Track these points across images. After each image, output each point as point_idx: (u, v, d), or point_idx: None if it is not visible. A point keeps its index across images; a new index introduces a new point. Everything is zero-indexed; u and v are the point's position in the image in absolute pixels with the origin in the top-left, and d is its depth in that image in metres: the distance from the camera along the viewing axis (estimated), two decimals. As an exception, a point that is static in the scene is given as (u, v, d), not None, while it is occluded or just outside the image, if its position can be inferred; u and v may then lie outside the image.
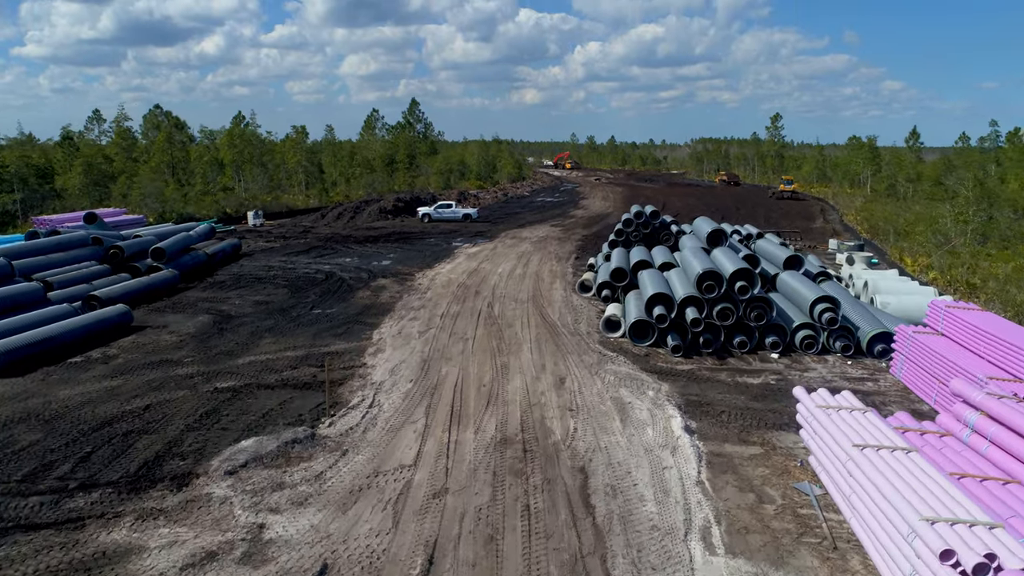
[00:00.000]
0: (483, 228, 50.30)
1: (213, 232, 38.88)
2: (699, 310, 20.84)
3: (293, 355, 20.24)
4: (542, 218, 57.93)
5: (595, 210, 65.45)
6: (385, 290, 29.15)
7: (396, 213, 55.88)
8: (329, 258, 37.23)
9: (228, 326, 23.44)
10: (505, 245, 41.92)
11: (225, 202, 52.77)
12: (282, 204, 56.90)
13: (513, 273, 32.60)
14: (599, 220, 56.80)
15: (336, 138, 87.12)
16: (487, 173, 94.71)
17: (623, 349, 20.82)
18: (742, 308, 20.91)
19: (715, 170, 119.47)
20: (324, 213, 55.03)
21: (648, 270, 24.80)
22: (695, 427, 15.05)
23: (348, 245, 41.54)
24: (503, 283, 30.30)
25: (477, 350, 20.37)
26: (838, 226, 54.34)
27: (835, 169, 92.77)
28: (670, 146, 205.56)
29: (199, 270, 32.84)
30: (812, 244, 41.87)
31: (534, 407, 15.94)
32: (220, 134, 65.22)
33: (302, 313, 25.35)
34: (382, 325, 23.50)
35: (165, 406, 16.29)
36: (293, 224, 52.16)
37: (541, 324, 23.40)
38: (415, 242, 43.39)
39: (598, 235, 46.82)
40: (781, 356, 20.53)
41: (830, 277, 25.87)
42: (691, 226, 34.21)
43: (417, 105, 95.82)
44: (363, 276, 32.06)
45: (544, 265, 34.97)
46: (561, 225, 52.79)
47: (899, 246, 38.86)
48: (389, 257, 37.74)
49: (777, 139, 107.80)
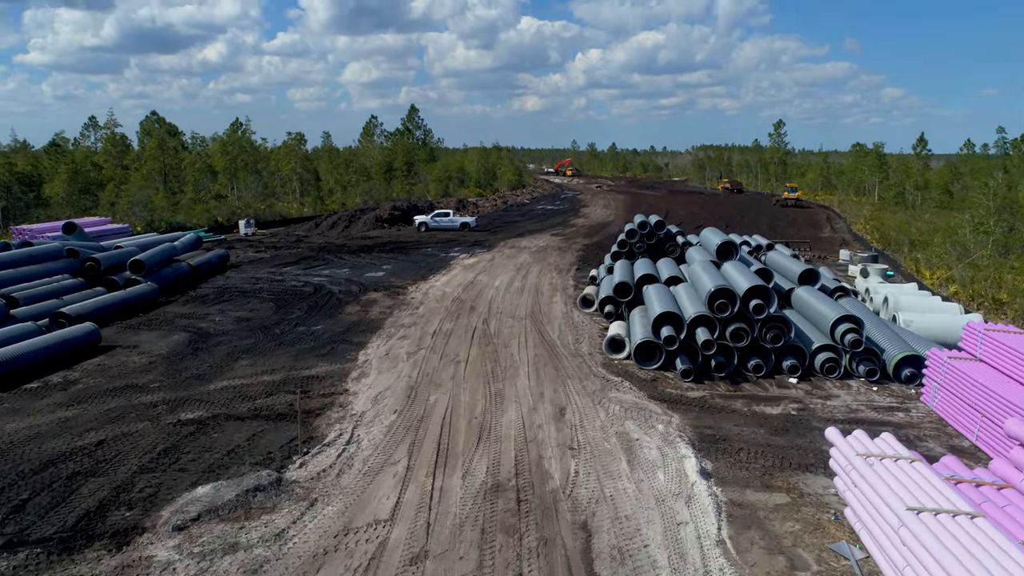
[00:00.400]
0: (481, 237, 48.64)
1: (200, 242, 37.22)
2: (711, 330, 19.12)
3: (270, 379, 18.53)
4: (542, 227, 56.28)
5: (596, 218, 63.81)
6: (375, 305, 27.44)
7: (392, 222, 54.24)
8: (320, 269, 35.56)
9: (204, 346, 21.73)
10: (503, 255, 40.25)
11: (217, 210, 51.14)
12: (276, 212, 55.25)
13: (511, 286, 30.89)
14: (601, 229, 55.14)
15: (333, 145, 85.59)
16: (487, 180, 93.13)
17: (628, 373, 19.08)
18: (757, 328, 19.18)
19: (717, 177, 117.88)
20: (318, 222, 53.39)
21: (654, 285, 23.09)
22: (711, 469, 13.30)
23: (341, 255, 39.88)
24: (500, 297, 28.59)
25: (469, 375, 18.64)
26: (847, 235, 52.64)
27: (839, 176, 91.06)
28: (671, 153, 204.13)
29: (182, 283, 31.16)
30: (822, 255, 40.16)
31: (530, 444, 14.20)
32: (213, 141, 63.66)
33: (285, 331, 23.65)
34: (369, 344, 21.79)
35: (121, 441, 14.57)
36: (286, 233, 50.52)
37: (540, 344, 21.67)
38: (410, 252, 41.72)
39: (600, 245, 45.16)
40: (800, 381, 18.79)
41: (848, 293, 24.15)
42: (698, 237, 32.49)
43: (416, 112, 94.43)
44: (353, 289, 30.37)
45: (543, 277, 33.27)
46: (562, 234, 51.12)
47: (913, 257, 37.14)
48: (383, 268, 36.06)
49: (780, 146, 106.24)
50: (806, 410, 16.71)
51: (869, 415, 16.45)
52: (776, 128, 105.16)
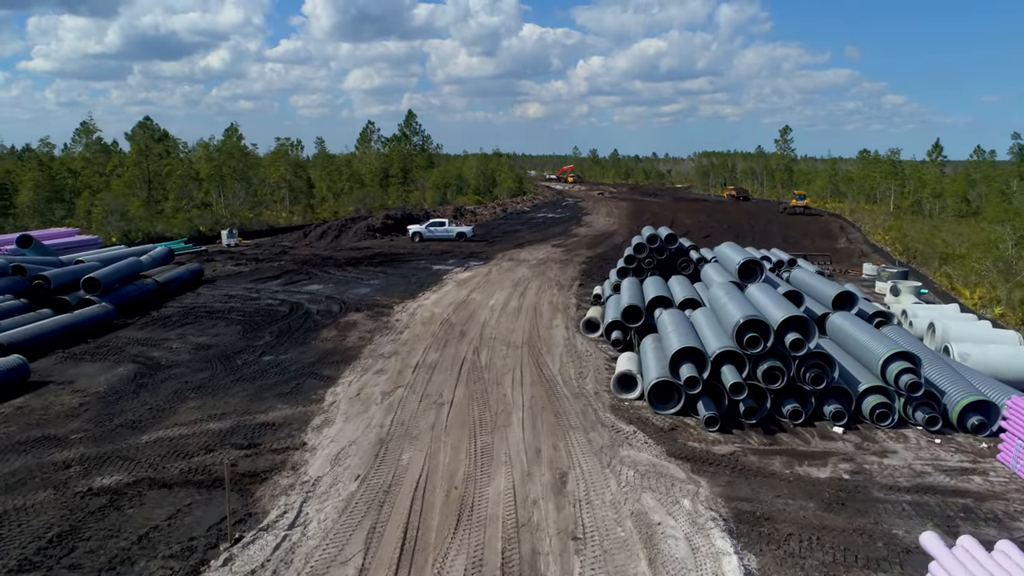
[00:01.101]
0: (478, 248, 45.61)
1: (171, 256, 34.22)
2: (738, 367, 16.06)
3: (216, 428, 15.47)
4: (543, 237, 53.26)
5: (599, 228, 60.79)
6: (355, 328, 24.40)
7: (385, 231, 51.25)
8: (301, 285, 32.53)
9: (150, 381, 18.68)
10: (501, 269, 37.20)
11: (200, 219, 48.22)
12: (263, 222, 52.30)
13: (507, 306, 27.83)
14: (604, 239, 52.10)
15: (328, 151, 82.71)
16: (486, 188, 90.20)
17: (641, 419, 15.99)
18: (794, 367, 16.10)
19: (722, 184, 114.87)
20: (307, 232, 50.40)
21: (669, 311, 20.01)
22: (757, 569, 10.21)
23: (326, 269, 36.85)
24: (495, 320, 25.52)
25: (453, 423, 15.55)
26: (864, 247, 49.53)
27: (848, 184, 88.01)
28: (673, 160, 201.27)
29: (145, 302, 28.13)
30: (843, 269, 37.08)
31: (523, 530, 11.10)
32: (199, 147, 60.86)
33: (248, 361, 20.60)
34: (340, 380, 18.72)
35: (9, 520, 11.51)
36: (272, 244, 47.53)
37: (537, 380, 18.58)
38: (401, 265, 38.68)
39: (604, 257, 42.12)
40: (846, 430, 15.69)
41: (890, 319, 21.07)
42: (713, 252, 29.44)
43: (414, 117, 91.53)
44: (333, 309, 27.32)
45: (543, 295, 30.20)
46: (563, 245, 48.07)
47: (944, 272, 34.03)
48: (369, 284, 33.03)
49: (786, 153, 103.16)
50: (861, 472, 13.60)
51: (939, 480, 13.34)
52: (782, 134, 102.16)
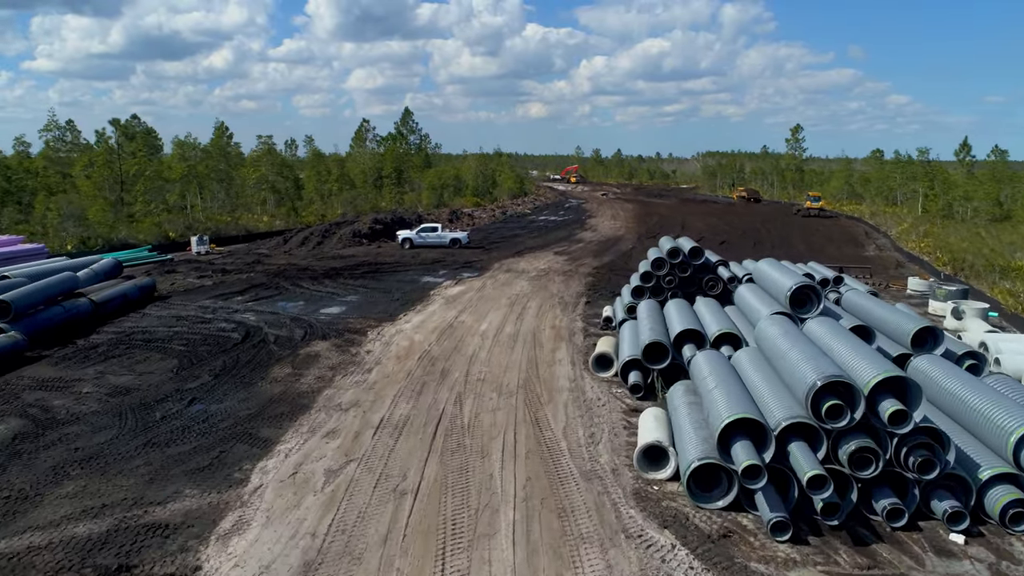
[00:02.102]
0: (473, 256, 41.05)
1: (119, 269, 29.69)
2: (811, 443, 11.49)
3: (86, 533, 10.93)
4: (544, 243, 48.65)
5: (605, 232, 56.18)
6: (316, 364, 19.86)
7: (372, 237, 46.68)
8: (267, 303, 28.00)
9: (30, 447, 14.15)
10: (497, 282, 32.63)
11: (170, 224, 43.70)
12: (241, 227, 47.75)
13: (501, 332, 23.26)
14: (611, 246, 47.49)
15: (319, 150, 78.06)
16: (485, 188, 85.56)
17: (679, 518, 11.39)
18: (892, 447, 11.52)
19: (730, 185, 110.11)
20: (287, 238, 45.83)
21: (705, 354, 15.44)
22: None
23: (300, 283, 32.30)
24: (485, 352, 20.95)
25: (414, 531, 10.96)
26: (896, 254, 44.84)
27: (865, 185, 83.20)
28: (677, 160, 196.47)
29: (75, 326, 23.59)
30: (884, 282, 32.43)
31: None
32: (189, 146, 56.21)
33: (171, 413, 16.08)
34: (278, 447, 14.17)
35: None
36: (247, 251, 42.99)
37: (535, 449, 14.00)
38: (385, 277, 34.12)
39: (612, 267, 37.52)
40: (968, 537, 11.10)
41: (983, 360, 16.45)
42: (744, 266, 24.84)
43: (411, 115, 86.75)
44: (296, 336, 22.78)
45: (545, 317, 25.63)
46: (566, 253, 43.46)
47: (1002, 288, 29.39)
48: (345, 301, 28.48)
49: (798, 153, 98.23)
50: (1016, 625, 9.02)
51: None
52: (793, 133, 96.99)
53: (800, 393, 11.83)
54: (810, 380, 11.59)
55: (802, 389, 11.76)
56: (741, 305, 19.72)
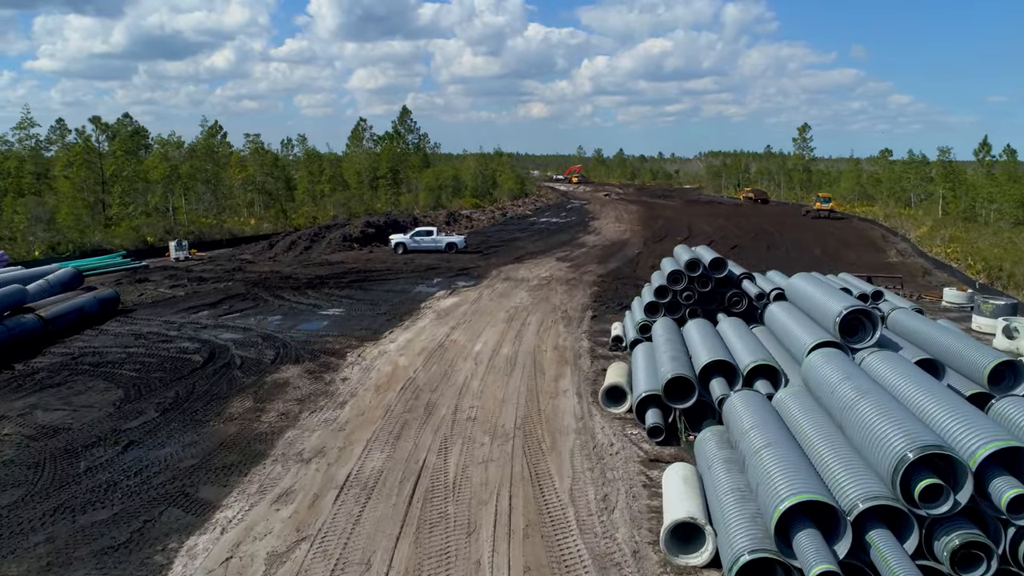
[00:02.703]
0: (470, 263, 38.26)
1: (80, 279, 26.90)
2: (897, 532, 8.68)
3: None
4: (545, 247, 45.85)
5: (609, 235, 53.37)
6: (282, 395, 17.06)
7: (364, 242, 43.89)
8: (240, 317, 25.24)
9: (-89, 515, 11.36)
10: (494, 292, 29.83)
11: (149, 228, 40.93)
12: (226, 230, 44.96)
13: (497, 354, 20.45)
14: (616, 251, 44.68)
15: (315, 150, 75.15)
16: (485, 189, 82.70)
17: (724, 630, 8.60)
18: (1007, 540, 8.70)
19: (735, 186, 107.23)
20: (274, 242, 43.04)
21: (743, 397, 12.61)
22: None
23: (281, 293, 29.53)
24: (478, 381, 18.14)
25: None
26: (920, 260, 41.95)
27: (877, 186, 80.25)
28: (679, 160, 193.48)
29: (19, 346, 20.81)
30: (916, 294, 29.56)
31: None
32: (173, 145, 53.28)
33: (99, 463, 13.30)
34: (217, 516, 11.35)
35: None
36: (230, 257, 40.22)
37: (536, 523, 11.15)
38: (374, 287, 31.33)
39: (619, 275, 34.72)
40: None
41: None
42: (771, 279, 22.02)
43: (409, 113, 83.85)
44: (265, 359, 19.99)
45: (547, 334, 22.83)
46: (569, 259, 40.64)
47: (1049, 300, 26.48)
48: (327, 315, 25.71)
49: (806, 152, 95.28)
50: None
51: None
52: (801, 133, 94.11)
53: (882, 464, 8.99)
54: (898, 451, 8.75)
55: (885, 460, 8.91)
56: (774, 328, 16.89)
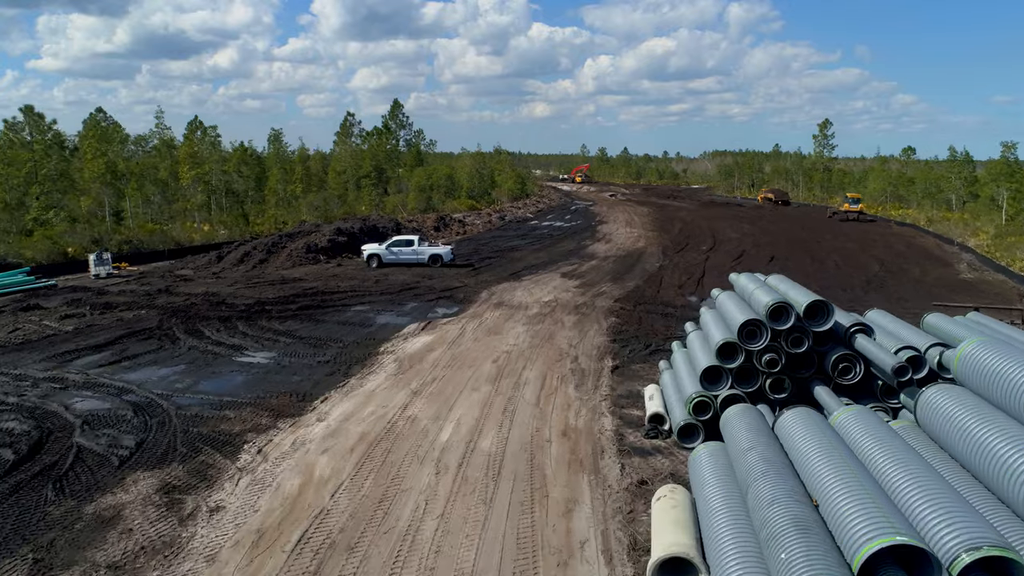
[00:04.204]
0: (456, 280, 30.79)
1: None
2: None
3: None
4: (548, 258, 38.32)
5: (621, 242, 45.81)
6: (89, 549, 9.59)
7: (333, 252, 36.41)
8: (128, 368, 17.83)
9: None
10: (481, 327, 22.35)
11: (73, 237, 33.61)
12: (172, 239, 37.49)
13: (474, 452, 12.92)
14: (633, 263, 37.11)
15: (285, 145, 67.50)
16: (482, 190, 75.14)
17: None
18: None
19: (749, 186, 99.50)
20: (224, 253, 35.58)
21: None
22: None
23: (202, 327, 22.06)
24: (435, 524, 10.57)
25: None
26: (999, 276, 34.31)
27: (909, 186, 72.57)
28: (686, 159, 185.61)
29: None
30: (1038, 329, 21.88)
31: None
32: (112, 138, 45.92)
33: None
34: None
35: None
36: (164, 273, 32.76)
37: None
38: (327, 317, 23.87)
39: (641, 298, 27.15)
40: None
41: None
42: (879, 326, 14.45)
43: (400, 107, 76.25)
44: (116, 453, 12.53)
45: (551, 405, 15.33)
46: (577, 275, 33.11)
47: None
48: (248, 364, 18.28)
49: (827, 150, 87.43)
50: None
51: None
52: (821, 129, 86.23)
53: None
54: None
55: None
56: (952, 440, 9.32)
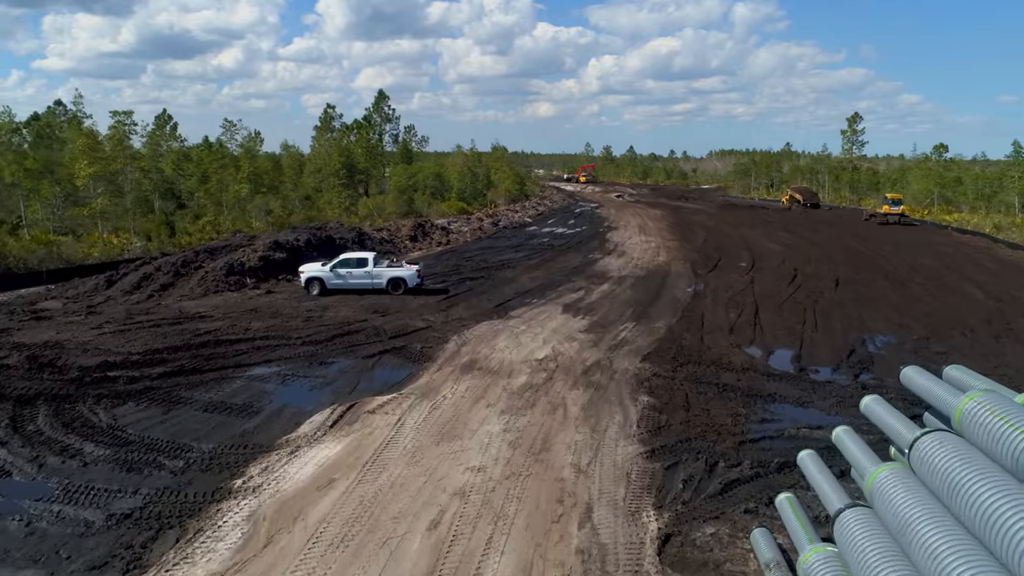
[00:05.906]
0: (418, 317, 21.51)
1: None
2: None
3: None
4: (547, 280, 29.02)
5: (638, 256, 36.48)
6: None
7: (265, 274, 27.23)
8: None
9: None
10: (432, 420, 13.09)
11: (-89, 254, 24.68)
12: (60, 257, 28.42)
13: None
14: (657, 287, 27.72)
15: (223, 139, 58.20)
16: (475, 191, 65.94)
17: None
18: None
19: (768, 186, 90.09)
20: (115, 276, 26.40)
21: None
22: None
23: None
24: None
25: None
26: None
27: (955, 187, 63.21)
28: (692, 159, 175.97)
29: None
30: None
31: None
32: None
33: None
34: None
35: None
36: (17, 307, 23.57)
37: None
38: (196, 393, 14.64)
39: (680, 355, 17.67)
40: None
41: None
42: None
43: (386, 99, 67.17)
44: None
45: None
46: (583, 307, 23.76)
47: None
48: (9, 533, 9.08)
49: (856, 147, 78.05)
50: None
51: None
52: (851, 124, 76.82)
53: None
54: None
55: None
56: None
